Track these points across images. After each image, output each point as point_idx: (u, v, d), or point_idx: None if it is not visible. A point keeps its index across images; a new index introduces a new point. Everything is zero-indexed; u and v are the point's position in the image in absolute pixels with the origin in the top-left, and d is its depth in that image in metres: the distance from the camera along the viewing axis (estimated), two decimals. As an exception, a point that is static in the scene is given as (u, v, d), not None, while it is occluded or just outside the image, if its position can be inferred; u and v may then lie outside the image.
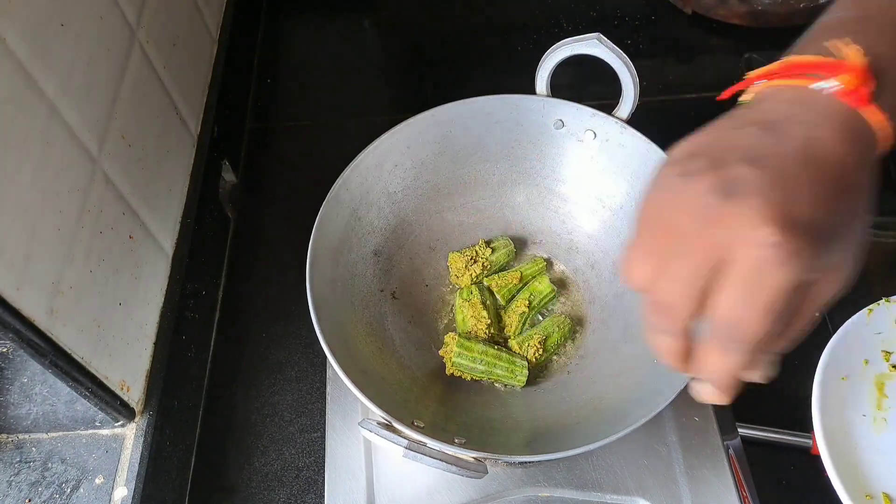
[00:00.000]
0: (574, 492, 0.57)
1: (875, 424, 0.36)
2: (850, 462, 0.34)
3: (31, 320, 0.43)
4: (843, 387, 0.36)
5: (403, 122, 0.62)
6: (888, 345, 0.39)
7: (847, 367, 0.37)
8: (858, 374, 0.37)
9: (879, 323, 0.39)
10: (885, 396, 0.38)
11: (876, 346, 0.39)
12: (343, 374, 0.48)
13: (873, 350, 0.39)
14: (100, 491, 0.53)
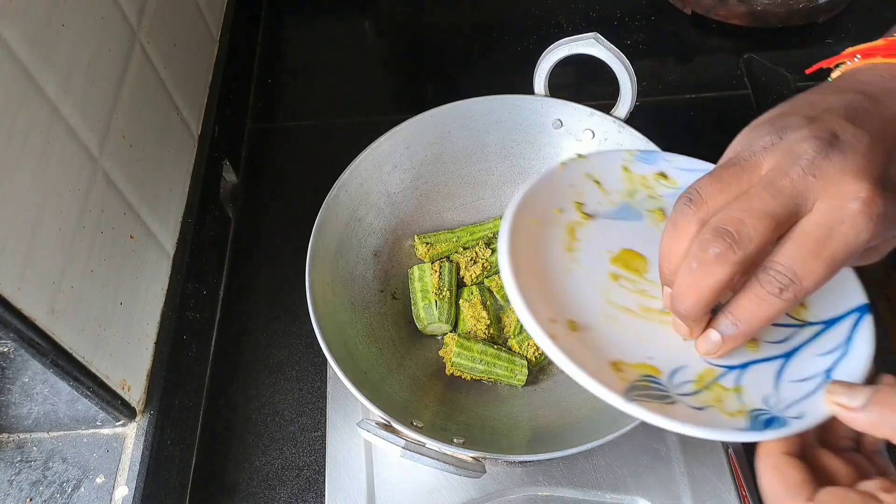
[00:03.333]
0: (574, 491, 0.57)
1: (564, 264, 0.37)
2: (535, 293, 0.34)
3: (31, 320, 0.43)
4: (533, 228, 0.38)
5: (403, 123, 0.62)
6: (580, 196, 0.40)
7: (539, 213, 0.38)
8: (549, 221, 0.38)
9: (572, 176, 0.41)
10: (577, 240, 0.39)
11: (568, 197, 0.40)
12: (342, 374, 0.49)
13: (565, 200, 0.40)
14: (101, 490, 0.53)
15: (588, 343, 0.34)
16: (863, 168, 0.30)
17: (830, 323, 0.37)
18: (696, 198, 0.32)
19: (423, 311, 0.62)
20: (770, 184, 0.30)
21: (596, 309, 0.36)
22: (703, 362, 0.35)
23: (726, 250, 0.30)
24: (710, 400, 0.33)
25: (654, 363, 0.34)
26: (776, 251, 0.31)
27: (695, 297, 0.32)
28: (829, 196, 0.30)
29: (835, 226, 0.30)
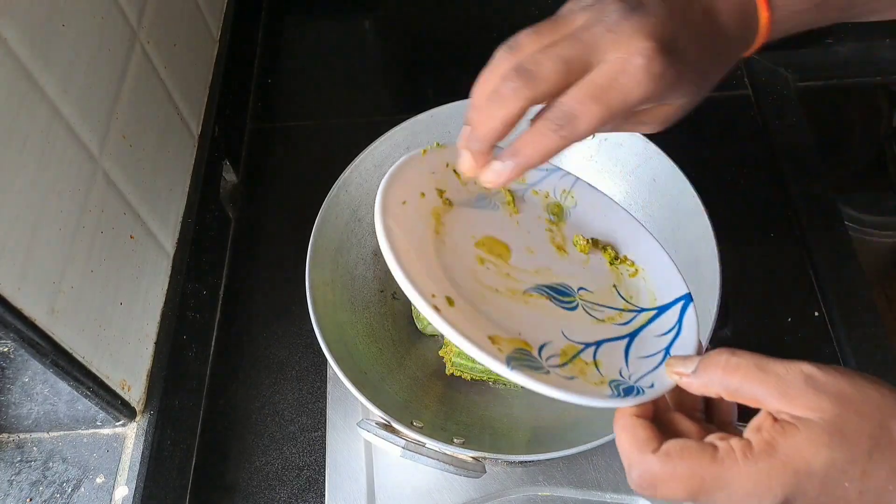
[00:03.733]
0: (574, 491, 0.57)
1: (434, 245, 0.40)
2: (414, 268, 0.36)
3: (32, 320, 0.44)
4: (402, 209, 0.40)
5: (403, 123, 0.62)
6: (441, 184, 0.43)
7: (405, 195, 0.40)
8: (416, 203, 0.40)
9: (434, 163, 0.43)
10: (442, 224, 0.41)
11: (431, 183, 0.42)
12: (342, 374, 0.49)
13: (428, 186, 0.42)
14: (101, 490, 0.53)
15: (466, 317, 0.36)
16: (654, 31, 0.33)
17: (662, 309, 0.42)
18: (514, 44, 0.36)
19: (423, 311, 0.62)
20: (573, 35, 0.34)
21: (468, 287, 0.38)
22: (564, 339, 0.38)
23: (521, 86, 0.33)
24: (576, 372, 0.36)
25: (524, 338, 0.37)
26: (564, 93, 0.34)
27: (488, 126, 0.35)
28: (619, 50, 0.33)
29: (617, 76, 0.33)
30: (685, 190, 0.58)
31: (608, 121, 0.34)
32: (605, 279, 0.44)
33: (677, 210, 0.58)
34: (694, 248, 0.57)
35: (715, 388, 0.32)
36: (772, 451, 0.29)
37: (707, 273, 0.54)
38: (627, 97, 0.33)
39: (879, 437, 0.29)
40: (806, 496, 0.29)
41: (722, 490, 0.29)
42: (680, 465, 0.30)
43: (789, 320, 0.70)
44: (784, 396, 0.30)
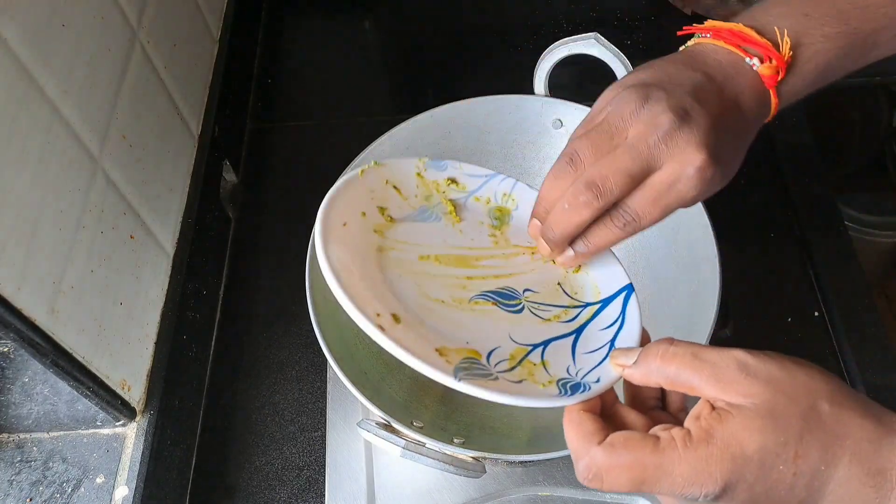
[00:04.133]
0: (574, 491, 0.57)
1: (378, 262, 0.41)
2: (358, 289, 0.38)
3: (31, 320, 0.44)
4: (344, 230, 0.41)
5: (403, 123, 0.62)
6: (382, 201, 0.44)
7: (346, 217, 0.42)
8: (357, 223, 0.42)
9: (372, 182, 0.45)
10: (385, 240, 0.43)
11: (371, 202, 0.44)
12: (342, 374, 0.49)
13: (369, 205, 0.44)
14: (101, 490, 0.53)
15: (413, 332, 0.37)
16: (703, 142, 0.38)
17: (606, 302, 0.44)
18: (575, 158, 0.40)
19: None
20: (632, 147, 0.38)
21: (413, 301, 0.40)
22: (511, 343, 0.40)
23: (592, 199, 0.38)
24: (525, 374, 0.38)
25: (472, 346, 0.38)
26: (629, 196, 0.39)
27: (563, 230, 0.40)
28: (675, 160, 0.38)
29: (674, 183, 0.38)
30: (685, 190, 0.57)
31: (663, 218, 0.40)
32: (549, 278, 0.45)
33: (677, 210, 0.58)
34: (694, 248, 0.57)
35: (654, 378, 0.34)
36: (709, 439, 0.30)
37: (707, 273, 0.54)
38: (683, 199, 0.39)
39: (809, 419, 0.30)
40: (744, 481, 0.30)
41: (664, 478, 0.30)
42: (623, 454, 0.31)
43: (789, 320, 0.70)
44: (718, 383, 0.31)
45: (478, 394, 0.34)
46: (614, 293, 0.44)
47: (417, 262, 0.42)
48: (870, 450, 0.30)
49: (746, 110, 0.41)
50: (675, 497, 0.31)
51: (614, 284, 0.44)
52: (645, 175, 0.38)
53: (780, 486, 0.30)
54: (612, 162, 0.38)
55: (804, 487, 0.30)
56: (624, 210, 0.39)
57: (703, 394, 0.32)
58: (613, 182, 0.38)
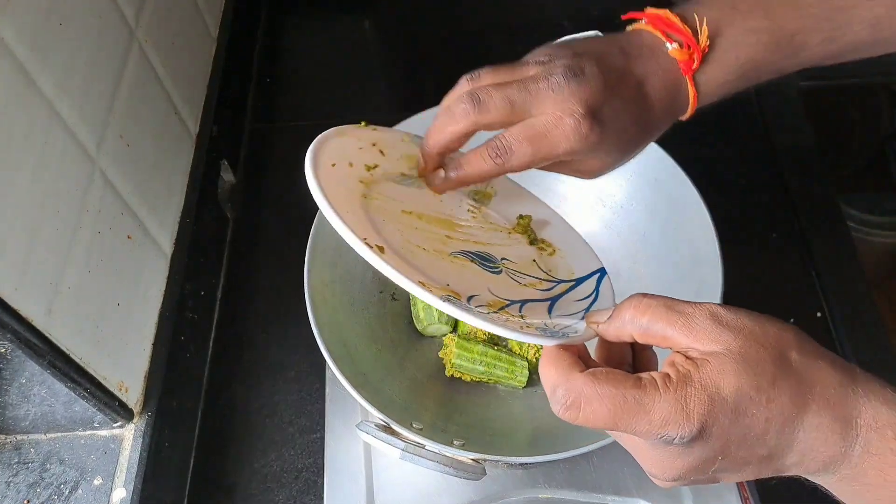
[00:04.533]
0: (575, 493, 0.57)
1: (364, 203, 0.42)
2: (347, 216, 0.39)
3: (29, 321, 0.43)
4: (332, 170, 0.42)
5: (403, 122, 0.62)
6: (368, 160, 0.45)
7: (335, 159, 0.43)
8: (344, 169, 0.43)
9: (361, 141, 0.46)
10: (370, 191, 0.43)
11: (359, 157, 0.45)
12: (341, 376, 0.48)
13: (356, 159, 0.45)
14: (98, 492, 0.53)
15: (398, 263, 0.38)
16: (586, 99, 0.39)
17: (580, 281, 0.46)
18: (475, 75, 0.43)
19: (423, 311, 0.62)
20: (523, 83, 0.40)
21: (396, 242, 0.40)
22: (490, 294, 0.40)
23: (470, 109, 0.40)
24: (504, 318, 0.39)
25: (452, 288, 0.39)
26: (506, 130, 0.40)
27: (436, 136, 0.42)
28: (557, 108, 0.39)
29: (550, 128, 0.39)
30: (687, 190, 0.57)
31: (536, 163, 0.41)
32: (525, 255, 0.46)
33: (679, 210, 0.58)
34: (696, 247, 0.56)
35: (628, 329, 0.34)
36: (687, 381, 0.31)
37: (709, 273, 0.54)
38: (554, 148, 0.40)
39: (780, 366, 0.31)
40: (720, 424, 0.30)
41: (642, 416, 0.31)
42: (605, 384, 0.31)
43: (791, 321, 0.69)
44: (692, 333, 0.32)
45: (461, 317, 0.35)
46: (588, 274, 0.45)
47: (400, 214, 0.43)
48: (836, 397, 0.31)
49: (651, 91, 0.43)
50: (650, 439, 0.31)
51: (588, 267, 0.46)
52: (525, 114, 0.40)
53: (752, 430, 0.31)
54: (501, 87, 0.40)
55: (775, 434, 0.31)
56: (498, 139, 0.40)
57: (676, 343, 0.32)
58: (494, 102, 0.40)
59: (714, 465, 0.32)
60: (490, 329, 0.35)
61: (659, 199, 0.61)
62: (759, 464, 0.32)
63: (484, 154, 0.41)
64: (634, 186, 0.62)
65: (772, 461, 0.32)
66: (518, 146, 0.40)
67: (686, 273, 0.57)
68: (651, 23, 0.44)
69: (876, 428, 0.31)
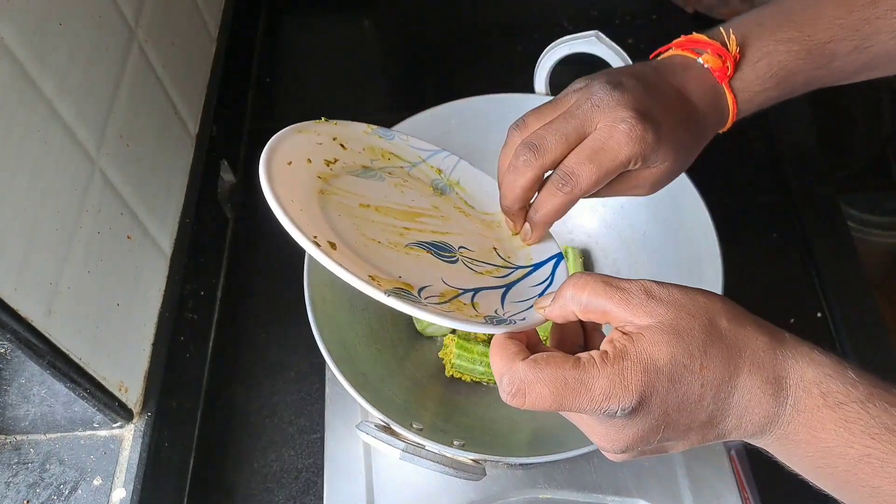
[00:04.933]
0: (575, 493, 0.57)
1: (319, 200, 0.42)
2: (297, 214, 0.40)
3: (28, 321, 0.43)
4: (288, 168, 0.42)
5: (402, 122, 0.62)
6: (327, 154, 0.45)
7: (291, 157, 0.43)
8: (302, 166, 0.43)
9: (321, 136, 0.46)
10: (329, 186, 0.43)
11: (318, 153, 0.45)
12: (341, 376, 0.48)
13: (315, 154, 0.45)
14: (98, 492, 0.53)
15: (347, 258, 0.38)
16: (631, 104, 0.40)
17: (536, 266, 0.46)
18: (521, 125, 0.44)
19: (423, 311, 0.61)
20: (569, 112, 0.42)
21: (350, 236, 0.41)
22: (443, 284, 0.41)
23: (531, 158, 0.41)
24: (454, 309, 0.39)
25: (404, 280, 0.39)
26: (567, 158, 0.41)
27: (511, 194, 0.43)
28: (606, 119, 0.40)
29: (606, 140, 0.40)
30: (687, 189, 0.57)
31: (603, 178, 0.41)
32: (484, 242, 0.46)
33: (680, 209, 0.58)
34: (696, 247, 0.56)
35: (570, 307, 0.35)
36: (624, 355, 0.32)
37: (709, 273, 0.54)
38: (616, 157, 0.40)
39: (710, 333, 0.33)
40: (657, 393, 0.32)
41: (584, 393, 0.32)
42: (546, 370, 0.33)
43: (792, 321, 0.69)
44: (628, 307, 0.33)
45: (408, 310, 0.36)
46: (545, 259, 0.46)
47: (358, 209, 0.43)
48: (765, 360, 0.33)
49: (692, 97, 0.44)
50: (594, 414, 0.33)
51: (546, 253, 0.47)
52: (581, 137, 0.41)
53: (689, 397, 0.32)
54: (550, 125, 0.42)
55: (712, 399, 0.32)
56: (559, 170, 0.41)
57: (615, 318, 0.34)
58: (549, 141, 0.41)
59: (659, 434, 0.33)
60: (435, 320, 0.36)
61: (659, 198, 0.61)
62: (700, 430, 0.33)
63: (552, 189, 0.42)
64: (635, 186, 0.62)
65: (713, 426, 0.33)
66: (580, 168, 0.41)
67: (686, 273, 0.57)
68: (679, 47, 0.46)
69: (803, 387, 0.32)
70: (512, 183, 0.43)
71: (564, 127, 0.41)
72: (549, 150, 0.41)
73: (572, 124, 0.41)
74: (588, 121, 0.41)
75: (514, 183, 0.42)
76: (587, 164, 0.40)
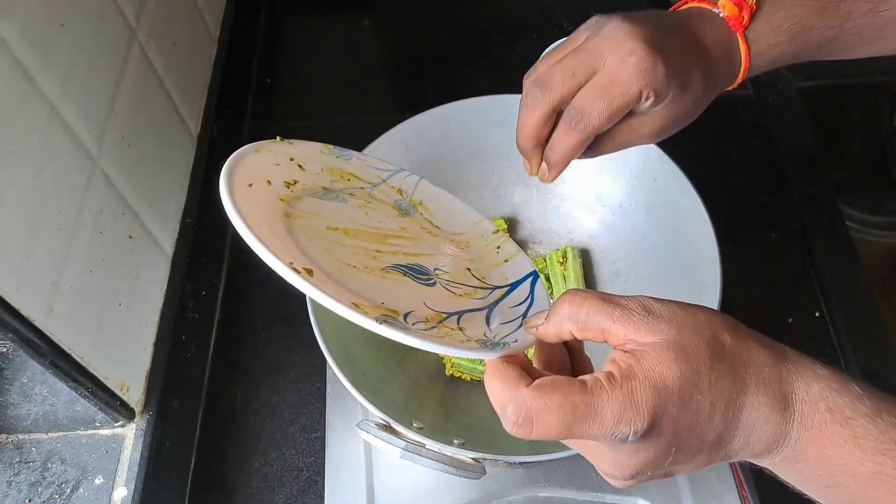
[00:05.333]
0: (574, 492, 0.57)
1: (286, 224, 0.40)
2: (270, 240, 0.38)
3: (30, 320, 0.43)
4: (249, 190, 0.41)
5: (402, 123, 0.62)
6: (287, 176, 0.44)
7: (251, 179, 0.42)
8: (262, 188, 0.42)
9: (278, 157, 0.45)
10: (292, 209, 0.42)
11: (277, 174, 0.44)
12: (342, 375, 0.48)
13: (274, 175, 0.43)
14: (99, 491, 0.53)
15: (327, 286, 0.36)
16: (643, 35, 0.39)
17: (514, 286, 0.45)
18: (532, 68, 0.43)
19: (423, 311, 0.62)
20: (578, 49, 0.41)
21: (325, 262, 0.39)
22: (427, 308, 0.39)
23: (538, 95, 0.41)
24: (443, 334, 0.37)
25: (387, 306, 0.37)
26: (576, 95, 0.40)
27: (524, 133, 0.43)
28: (616, 53, 0.39)
29: (615, 73, 0.39)
30: (686, 190, 0.57)
31: (615, 114, 0.40)
32: (458, 263, 0.45)
33: (678, 210, 0.58)
34: (695, 247, 0.56)
35: (566, 325, 0.34)
36: (631, 375, 0.31)
37: (708, 273, 0.54)
38: (626, 92, 0.39)
39: (715, 349, 0.32)
40: (669, 414, 0.31)
41: (594, 418, 0.30)
42: (553, 395, 0.31)
43: (790, 321, 0.69)
44: (628, 324, 0.32)
45: (398, 338, 0.34)
46: (521, 278, 0.45)
47: (326, 231, 0.42)
48: (771, 376, 0.32)
49: (706, 41, 0.43)
50: (605, 440, 0.31)
51: (520, 272, 0.46)
52: (590, 73, 0.40)
53: (700, 416, 0.31)
54: (559, 63, 0.41)
55: (721, 417, 0.31)
56: (570, 107, 0.40)
57: (614, 335, 0.32)
58: (556, 77, 0.40)
59: (669, 458, 0.32)
60: (430, 349, 0.34)
61: (658, 199, 0.61)
62: (709, 451, 0.32)
63: (564, 128, 0.41)
64: (634, 187, 0.63)
65: (721, 446, 0.32)
66: (591, 105, 0.40)
67: (686, 273, 0.57)
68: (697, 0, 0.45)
69: (809, 402, 0.31)
70: (523, 122, 0.42)
71: (572, 62, 0.40)
72: (555, 86, 0.40)
73: (580, 58, 0.40)
74: (597, 54, 0.40)
75: (525, 122, 0.42)
76: (597, 99, 0.39)
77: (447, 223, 0.49)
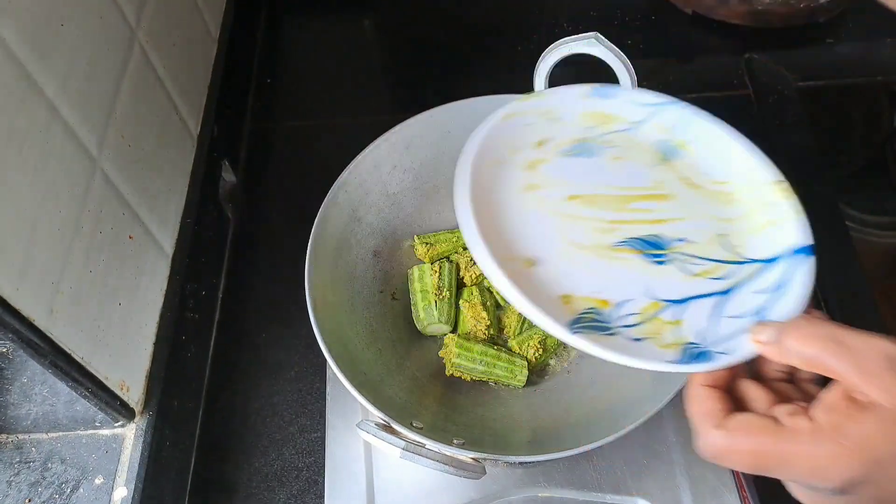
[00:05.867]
0: (574, 492, 0.57)
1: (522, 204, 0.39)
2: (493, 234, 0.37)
3: (30, 320, 0.43)
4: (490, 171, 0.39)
5: (402, 123, 0.62)
6: (536, 135, 0.42)
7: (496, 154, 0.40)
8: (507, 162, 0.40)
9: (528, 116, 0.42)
10: (535, 179, 0.40)
11: (525, 137, 0.42)
12: (342, 375, 0.48)
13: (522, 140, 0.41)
14: (99, 491, 0.53)
15: (541, 278, 0.36)
16: None
17: (772, 261, 0.38)
18: None
19: (423, 311, 0.62)
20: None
21: (552, 246, 0.38)
22: (647, 297, 0.37)
23: None
24: (650, 332, 0.35)
25: (602, 296, 0.36)
26: None
27: None
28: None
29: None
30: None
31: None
32: (709, 228, 0.40)
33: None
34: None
35: (792, 359, 0.32)
36: (839, 437, 0.29)
37: (708, 273, 0.54)
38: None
39: None
40: (873, 482, 0.29)
41: (785, 468, 0.30)
42: (742, 440, 0.31)
43: (790, 321, 0.69)
44: (861, 374, 0.29)
45: (587, 348, 0.33)
46: (786, 252, 0.38)
47: (565, 203, 0.40)
48: None
49: None
50: (795, 483, 0.31)
51: (790, 241, 0.38)
52: None
53: None
54: None
55: None
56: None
57: (844, 380, 0.30)
58: None
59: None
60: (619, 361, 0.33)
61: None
62: None
63: None
64: (634, 186, 0.62)
65: None
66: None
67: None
68: None
69: None
70: None
71: None
72: None
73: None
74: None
75: None
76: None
77: (711, 169, 0.43)
